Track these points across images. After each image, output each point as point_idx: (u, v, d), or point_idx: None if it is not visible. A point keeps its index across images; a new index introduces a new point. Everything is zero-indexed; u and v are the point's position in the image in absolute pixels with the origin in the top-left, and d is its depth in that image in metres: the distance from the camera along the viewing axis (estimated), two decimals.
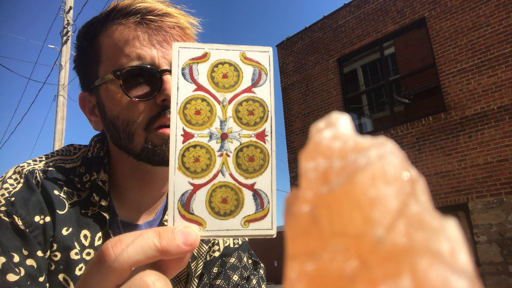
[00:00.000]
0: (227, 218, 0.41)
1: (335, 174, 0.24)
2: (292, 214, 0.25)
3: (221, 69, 0.44)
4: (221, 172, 0.42)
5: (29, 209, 0.70)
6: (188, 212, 0.40)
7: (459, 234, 0.20)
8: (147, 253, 0.35)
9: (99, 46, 0.80)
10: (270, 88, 0.45)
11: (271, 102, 0.45)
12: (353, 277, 0.21)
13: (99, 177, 0.79)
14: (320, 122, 0.27)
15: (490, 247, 6.80)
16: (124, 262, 0.34)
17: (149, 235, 0.36)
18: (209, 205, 0.41)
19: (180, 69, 0.43)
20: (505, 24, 7.23)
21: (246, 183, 0.42)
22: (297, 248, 0.23)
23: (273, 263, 19.29)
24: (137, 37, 0.76)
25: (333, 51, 9.96)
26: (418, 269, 0.19)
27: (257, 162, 0.43)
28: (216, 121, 0.43)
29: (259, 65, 0.45)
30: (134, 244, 0.35)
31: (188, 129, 0.42)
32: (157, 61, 0.75)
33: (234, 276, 0.90)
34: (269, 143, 0.43)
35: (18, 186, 0.73)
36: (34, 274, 0.67)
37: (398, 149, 0.24)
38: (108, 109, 0.78)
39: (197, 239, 0.37)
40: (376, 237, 0.21)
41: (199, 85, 0.43)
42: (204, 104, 0.43)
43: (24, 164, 0.79)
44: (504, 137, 6.96)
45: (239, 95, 0.44)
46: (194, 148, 0.41)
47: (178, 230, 0.37)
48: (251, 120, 0.44)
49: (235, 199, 0.41)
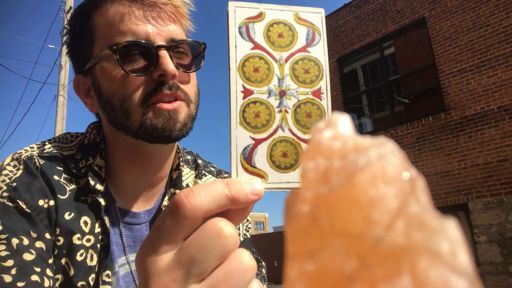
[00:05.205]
0: (288, 171, 0.42)
1: (335, 174, 0.24)
2: (292, 214, 0.25)
3: (276, 28, 0.45)
4: (281, 127, 0.43)
5: (33, 193, 0.70)
6: (250, 165, 0.41)
7: (459, 234, 0.20)
8: (219, 202, 0.36)
9: (93, 26, 0.79)
10: (324, 48, 0.46)
11: (326, 62, 0.46)
12: (353, 277, 0.21)
13: (94, 162, 0.79)
14: (320, 122, 0.27)
15: (490, 247, 6.80)
16: (199, 211, 0.35)
17: (219, 185, 0.37)
18: (270, 159, 0.42)
19: (237, 28, 0.44)
20: (505, 24, 7.23)
21: (305, 138, 0.43)
22: (297, 248, 0.23)
23: (273, 263, 19.27)
24: (131, 13, 0.75)
25: (333, 51, 9.96)
26: (418, 269, 0.19)
27: (314, 118, 0.44)
28: (274, 78, 0.44)
29: (313, 26, 0.46)
30: (206, 193, 0.36)
31: (248, 85, 0.43)
32: (152, 37, 0.75)
33: None
34: (325, 100, 0.45)
35: (18, 172, 0.72)
36: (44, 256, 0.67)
37: (398, 149, 0.24)
38: (104, 87, 0.77)
39: (262, 190, 0.38)
40: (376, 237, 0.21)
41: (256, 44, 0.44)
42: (262, 62, 0.44)
43: (21, 150, 0.78)
44: (504, 137, 6.96)
45: (294, 54, 0.45)
46: (254, 104, 0.42)
47: (245, 180, 0.38)
48: (307, 78, 0.45)
49: (294, 153, 0.42)
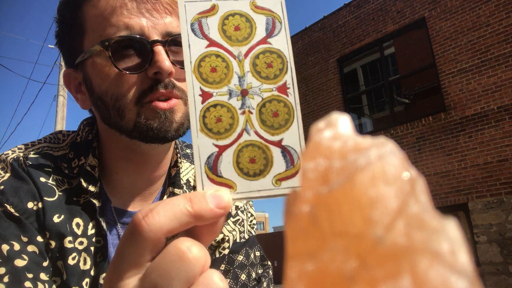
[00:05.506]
0: (258, 178, 0.38)
1: (335, 174, 0.24)
2: (292, 214, 0.25)
3: (232, 21, 0.42)
4: (246, 130, 0.39)
5: (21, 196, 0.68)
6: (216, 175, 0.38)
7: (459, 234, 0.20)
8: (180, 219, 0.33)
9: (83, 17, 0.73)
10: (287, 37, 0.42)
11: (289, 52, 0.42)
12: (353, 277, 0.21)
13: (87, 162, 0.76)
14: (320, 122, 0.27)
15: (490, 247, 6.80)
16: (158, 231, 0.33)
17: (180, 201, 0.34)
18: (237, 166, 0.38)
19: (189, 25, 0.40)
20: (505, 24, 7.23)
21: (273, 140, 0.40)
22: (297, 248, 0.23)
23: (273, 263, 19.30)
24: (124, 5, 0.70)
25: (333, 51, 9.96)
26: (418, 269, 0.19)
27: (282, 117, 0.40)
28: (234, 77, 0.40)
29: (272, 13, 0.42)
30: (165, 211, 0.33)
31: (206, 88, 0.39)
32: (147, 31, 0.69)
33: (242, 276, 0.87)
34: (292, 96, 0.41)
35: (6, 175, 0.70)
36: (38, 260, 0.65)
37: (398, 149, 0.24)
38: (96, 84, 0.72)
39: (229, 202, 0.36)
40: (376, 237, 0.21)
41: (211, 41, 0.41)
42: (219, 60, 0.40)
43: (8, 152, 0.75)
44: (504, 137, 6.96)
45: (254, 48, 0.41)
46: (215, 108, 0.39)
47: (209, 193, 0.35)
48: (270, 73, 0.41)
49: (263, 157, 0.39)
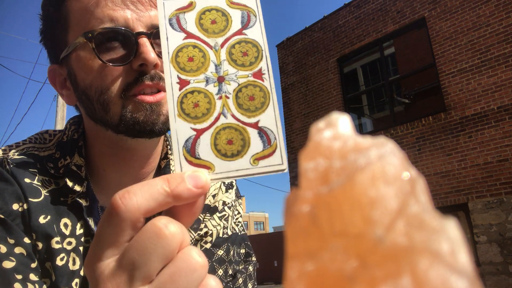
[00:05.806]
0: (235, 158, 0.40)
1: (335, 174, 0.24)
2: (292, 214, 0.25)
3: (209, 15, 0.44)
4: (223, 114, 0.41)
5: (5, 198, 0.67)
6: (194, 157, 0.39)
7: (459, 234, 0.20)
8: (157, 199, 0.34)
9: (67, 11, 0.73)
10: (261, 28, 0.44)
11: (264, 42, 0.44)
12: (353, 277, 0.21)
13: (72, 162, 0.75)
14: (320, 122, 0.27)
15: (490, 247, 6.80)
16: (136, 211, 0.33)
17: (157, 182, 0.34)
18: (215, 148, 0.40)
19: (167, 20, 0.43)
20: (505, 24, 7.23)
21: (249, 122, 0.41)
22: (297, 248, 0.23)
23: (273, 263, 19.28)
24: None
25: (333, 51, 9.96)
26: (418, 269, 0.19)
27: (258, 101, 0.42)
28: (210, 65, 0.42)
29: (247, 8, 0.45)
30: (142, 192, 0.34)
31: (183, 76, 0.41)
32: (131, 24, 0.69)
33: (219, 270, 0.86)
34: (267, 81, 0.43)
35: None
36: (26, 262, 0.64)
37: (398, 149, 0.24)
38: (80, 78, 0.72)
39: (207, 182, 0.36)
40: (376, 237, 0.21)
41: (188, 33, 0.43)
42: (196, 50, 0.42)
43: None
44: (504, 137, 6.96)
45: (230, 38, 0.44)
46: (192, 94, 0.41)
47: (188, 174, 0.36)
48: (246, 61, 0.43)
49: (240, 139, 0.41)
